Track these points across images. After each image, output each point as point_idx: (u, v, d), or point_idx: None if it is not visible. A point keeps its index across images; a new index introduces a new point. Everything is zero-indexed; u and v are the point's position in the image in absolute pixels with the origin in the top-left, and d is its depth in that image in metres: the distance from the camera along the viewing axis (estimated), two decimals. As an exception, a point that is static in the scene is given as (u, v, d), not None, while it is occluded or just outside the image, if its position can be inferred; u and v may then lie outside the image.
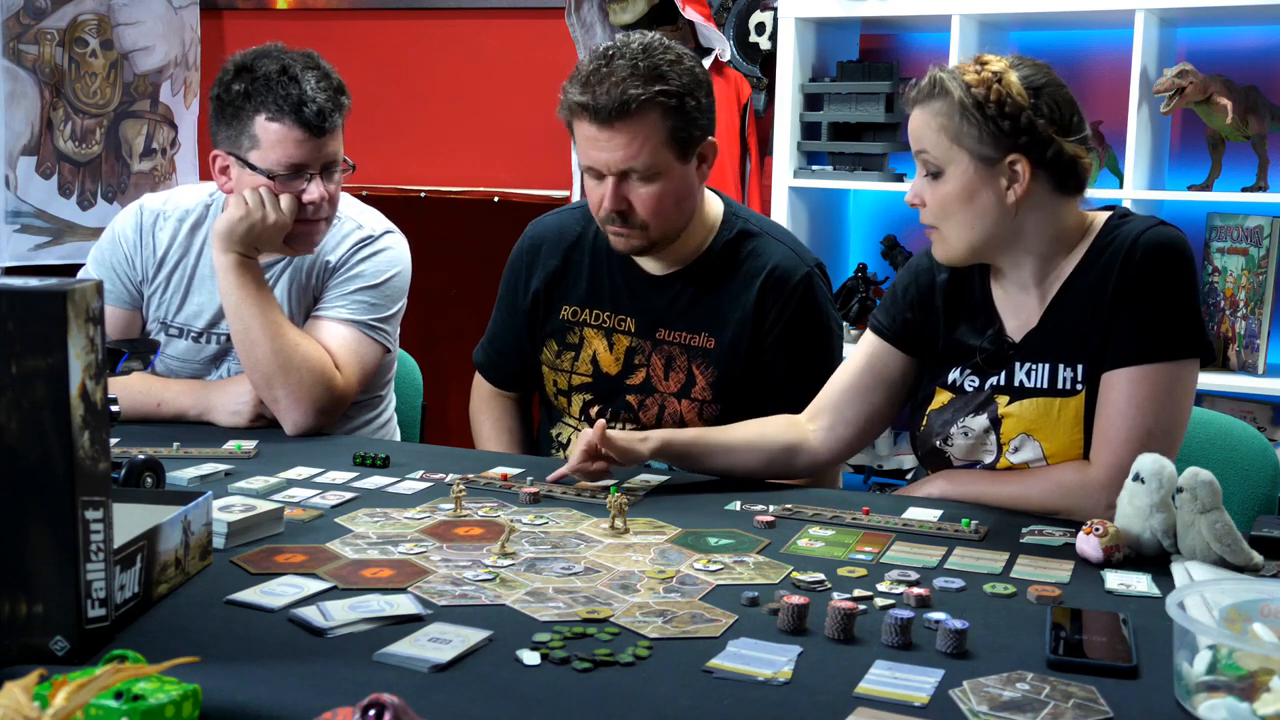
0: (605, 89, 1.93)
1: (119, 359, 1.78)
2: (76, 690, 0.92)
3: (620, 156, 1.96)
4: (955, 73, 1.74)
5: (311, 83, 2.11)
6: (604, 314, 2.16)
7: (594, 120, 1.95)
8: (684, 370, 2.11)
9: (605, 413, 2.17)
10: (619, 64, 1.95)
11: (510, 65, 3.87)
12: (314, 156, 2.14)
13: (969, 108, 1.70)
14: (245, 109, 2.12)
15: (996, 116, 1.70)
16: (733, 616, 1.33)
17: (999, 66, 1.73)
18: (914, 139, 1.77)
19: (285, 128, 2.11)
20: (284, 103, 2.09)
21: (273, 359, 2.12)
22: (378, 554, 1.51)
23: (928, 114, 1.75)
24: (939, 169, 1.75)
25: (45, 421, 1.14)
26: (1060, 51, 3.30)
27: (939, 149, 1.74)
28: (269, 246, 2.18)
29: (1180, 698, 1.14)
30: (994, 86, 1.70)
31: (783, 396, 2.07)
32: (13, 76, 3.58)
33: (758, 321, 2.08)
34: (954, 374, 1.86)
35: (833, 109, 3.24)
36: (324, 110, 2.11)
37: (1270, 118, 2.93)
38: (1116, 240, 1.75)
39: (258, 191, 2.12)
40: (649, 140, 1.95)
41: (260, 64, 2.13)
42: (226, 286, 2.14)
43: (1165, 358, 1.72)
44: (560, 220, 2.25)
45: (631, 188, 1.98)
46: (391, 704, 0.94)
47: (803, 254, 2.14)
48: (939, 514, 1.74)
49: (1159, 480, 1.55)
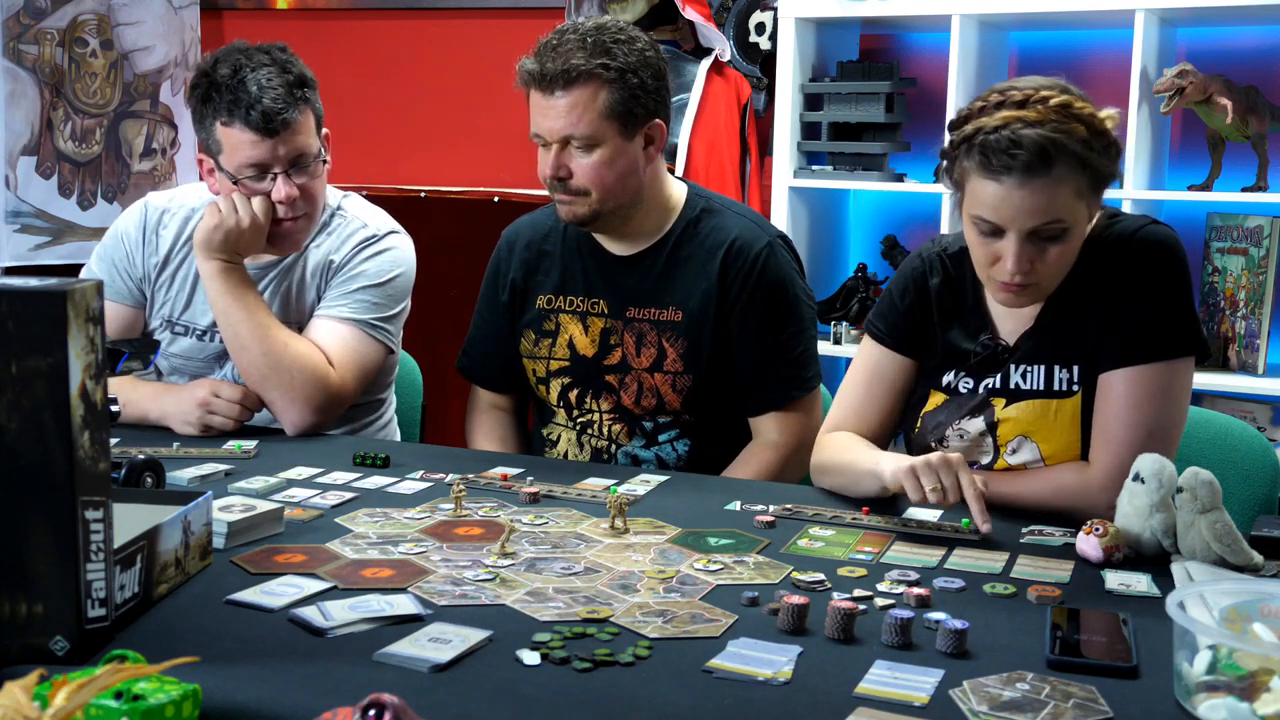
0: (551, 58, 2.04)
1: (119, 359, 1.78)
2: (76, 690, 0.92)
3: (560, 125, 2.04)
4: (1058, 126, 1.62)
5: (260, 82, 2.11)
6: (577, 299, 2.21)
7: (539, 87, 2.06)
8: (655, 345, 2.15)
9: (585, 395, 2.19)
10: (570, 37, 2.06)
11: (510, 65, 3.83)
12: (273, 156, 2.14)
13: (1089, 162, 1.64)
14: (206, 114, 2.15)
15: (1106, 157, 1.67)
16: (733, 616, 1.33)
17: (1069, 100, 1.65)
18: (1031, 213, 1.64)
19: (238, 131, 2.12)
20: (234, 106, 2.11)
21: (263, 361, 2.12)
22: (378, 554, 1.51)
23: (1053, 184, 1.63)
24: (1063, 231, 1.67)
25: (45, 421, 1.14)
26: (1060, 51, 3.31)
27: (1068, 211, 1.65)
28: (251, 250, 2.19)
29: (1180, 698, 1.14)
30: (1095, 128, 1.65)
31: (753, 363, 2.13)
32: (13, 76, 3.57)
33: (722, 292, 2.13)
34: (948, 377, 1.86)
35: (833, 109, 3.24)
36: (269, 111, 2.11)
37: (1270, 118, 2.93)
38: (1109, 240, 1.75)
39: (230, 197, 2.15)
40: (588, 110, 2.03)
41: (217, 68, 2.15)
42: (212, 293, 2.16)
43: (1161, 357, 1.72)
44: (533, 219, 2.32)
45: (572, 156, 2.07)
46: (391, 704, 0.94)
47: (765, 226, 2.21)
48: (939, 514, 1.74)
49: (1159, 480, 1.55)
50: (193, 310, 2.30)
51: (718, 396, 2.16)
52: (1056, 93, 1.66)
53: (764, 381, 2.14)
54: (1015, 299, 1.74)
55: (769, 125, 3.38)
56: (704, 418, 2.17)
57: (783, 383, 2.14)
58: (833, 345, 3.15)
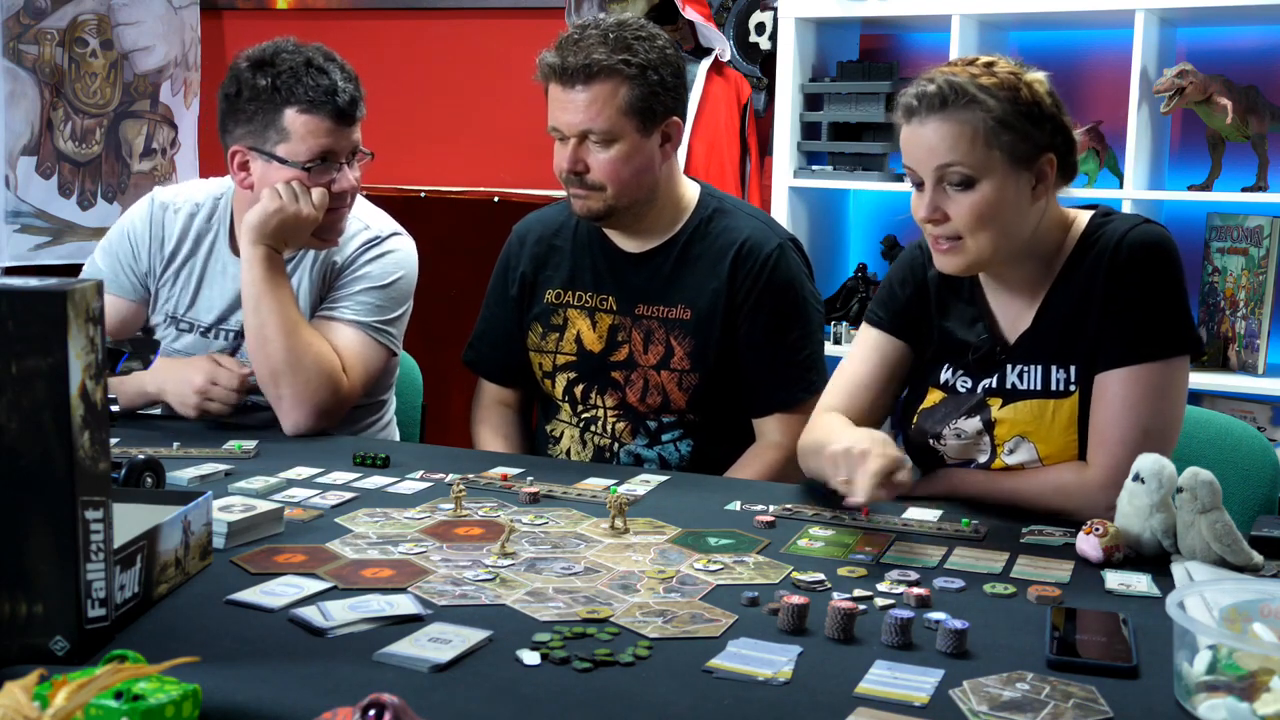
0: (573, 53, 2.04)
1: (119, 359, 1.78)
2: (76, 690, 0.92)
3: (580, 118, 2.05)
4: (972, 78, 1.70)
5: (337, 73, 2.14)
6: (586, 294, 2.21)
7: (560, 81, 2.06)
8: (662, 343, 2.15)
9: (591, 391, 2.18)
10: (592, 33, 2.07)
11: (510, 65, 3.87)
12: (343, 145, 2.16)
13: (1008, 113, 1.68)
14: (273, 102, 2.12)
15: (1036, 117, 1.69)
16: (733, 616, 1.33)
17: (1010, 67, 1.72)
18: (932, 151, 1.69)
19: (318, 119, 2.12)
20: (315, 93, 2.11)
21: (284, 356, 2.11)
22: (378, 554, 1.51)
23: (954, 124, 1.68)
24: (972, 178, 1.69)
25: (45, 421, 1.14)
26: (1060, 51, 3.31)
27: (973, 157, 1.68)
28: (298, 240, 2.17)
29: (1180, 698, 1.14)
30: (1022, 89, 1.69)
31: (759, 364, 2.13)
32: (13, 76, 3.57)
33: (731, 292, 2.13)
34: (945, 374, 1.86)
35: (833, 109, 3.24)
36: (355, 98, 2.16)
37: (1270, 118, 2.93)
38: (1102, 240, 1.76)
39: (290, 185, 2.12)
40: (608, 105, 2.05)
41: (281, 58, 2.14)
42: (250, 278, 2.13)
43: (1156, 356, 1.72)
44: (543, 214, 2.33)
45: (589, 150, 2.08)
46: (391, 704, 0.94)
47: (775, 228, 2.22)
48: (939, 514, 1.74)
49: (1159, 480, 1.55)
50: (197, 307, 2.29)
51: (723, 396, 2.16)
52: (995, 59, 1.73)
53: (769, 383, 2.14)
54: (943, 259, 1.76)
55: (769, 125, 3.38)
56: (708, 418, 2.17)
57: (788, 385, 2.14)
58: (833, 345, 3.15)
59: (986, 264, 1.77)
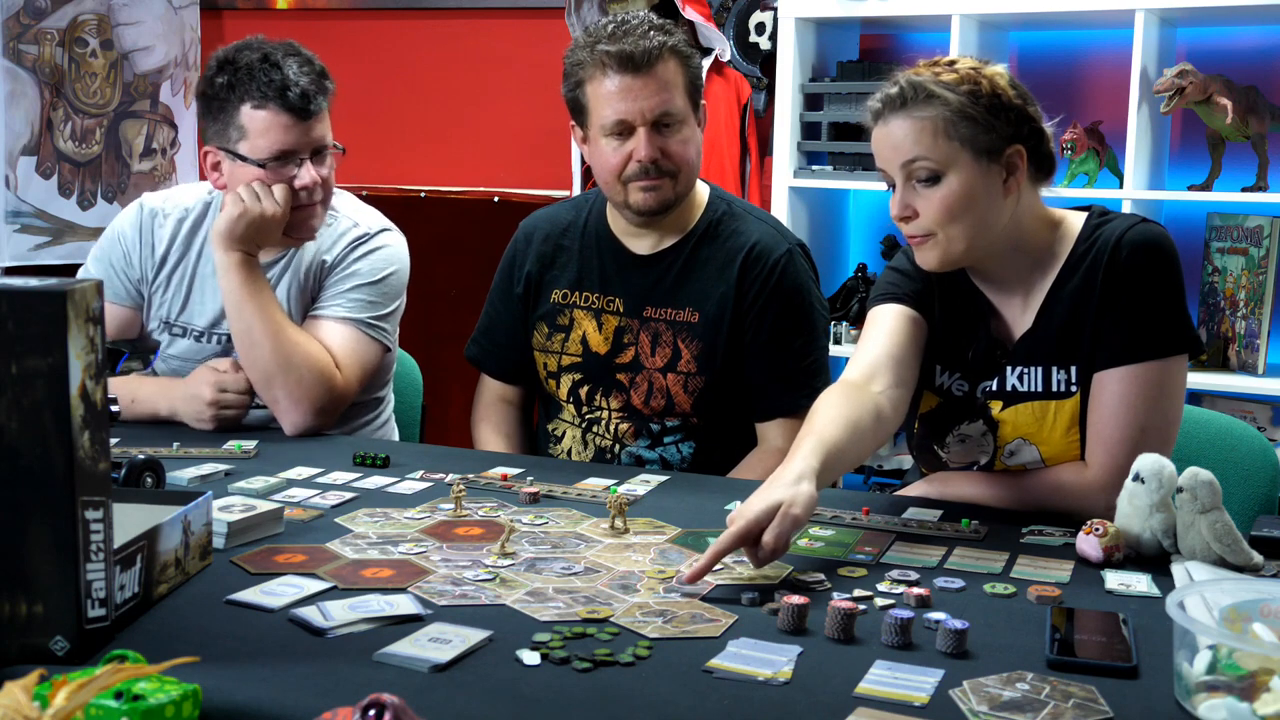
0: (632, 40, 2.03)
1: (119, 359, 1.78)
2: (76, 690, 0.92)
3: (655, 103, 2.04)
4: (934, 76, 1.71)
5: (294, 68, 2.13)
6: (593, 295, 2.20)
7: (624, 69, 2.03)
8: (669, 345, 2.15)
9: (595, 392, 2.18)
10: (634, 22, 2.06)
11: (510, 65, 3.87)
12: (302, 141, 2.15)
13: (967, 105, 1.70)
14: (230, 100, 2.14)
15: (997, 109, 1.70)
16: (733, 616, 1.33)
17: (971, 63, 1.74)
18: (897, 149, 1.71)
19: (271, 113, 2.12)
20: (268, 89, 2.11)
21: (273, 358, 2.11)
22: (378, 554, 1.51)
23: (915, 120, 1.70)
24: (937, 173, 1.71)
25: (45, 421, 1.14)
26: (1060, 51, 3.31)
27: (937, 152, 1.70)
28: (269, 240, 2.18)
29: (1180, 698, 1.14)
30: (982, 82, 1.71)
31: (764, 369, 2.13)
32: (13, 76, 3.58)
33: (739, 295, 2.13)
34: (941, 377, 1.85)
35: (833, 109, 3.24)
36: (307, 93, 2.13)
37: (1270, 118, 2.93)
38: (1100, 240, 1.75)
39: (250, 186, 2.13)
40: (676, 86, 2.06)
41: (241, 55, 2.15)
42: (228, 286, 2.14)
43: (1154, 356, 1.72)
44: (550, 212, 2.31)
45: (663, 136, 2.06)
46: (391, 704, 0.94)
47: (785, 233, 2.21)
48: (939, 514, 1.74)
49: (1159, 480, 1.55)
50: (190, 311, 2.29)
51: (727, 400, 2.15)
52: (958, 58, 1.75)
53: (773, 387, 2.14)
54: (920, 255, 1.77)
55: (769, 125, 3.38)
56: (711, 421, 2.17)
57: (792, 390, 2.13)
58: (833, 345, 3.15)
59: (963, 257, 1.76)
